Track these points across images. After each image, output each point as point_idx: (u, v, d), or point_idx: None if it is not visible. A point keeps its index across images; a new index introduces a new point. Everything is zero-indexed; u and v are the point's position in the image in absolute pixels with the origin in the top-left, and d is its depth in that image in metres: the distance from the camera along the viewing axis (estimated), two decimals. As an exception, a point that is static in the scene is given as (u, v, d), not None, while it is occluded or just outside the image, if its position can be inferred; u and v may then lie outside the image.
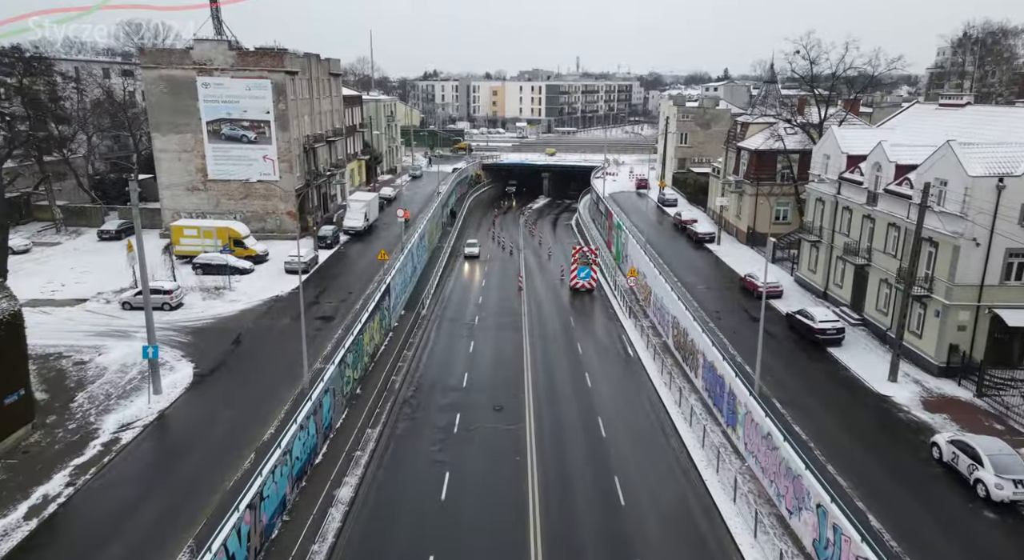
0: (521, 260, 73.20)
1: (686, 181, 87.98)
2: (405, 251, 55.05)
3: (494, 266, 70.77)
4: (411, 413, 35.89)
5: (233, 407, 31.74)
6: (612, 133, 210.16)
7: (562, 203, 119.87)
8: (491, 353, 45.14)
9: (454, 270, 68.26)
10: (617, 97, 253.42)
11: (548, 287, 62.53)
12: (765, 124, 62.34)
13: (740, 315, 45.13)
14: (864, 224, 40.95)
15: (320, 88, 70.59)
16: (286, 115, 60.03)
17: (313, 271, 54.13)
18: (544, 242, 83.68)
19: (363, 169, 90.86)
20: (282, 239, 62.47)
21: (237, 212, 61.89)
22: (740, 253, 59.61)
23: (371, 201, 68.18)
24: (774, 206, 60.13)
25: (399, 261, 51.94)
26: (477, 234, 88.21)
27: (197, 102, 59.18)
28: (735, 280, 52.34)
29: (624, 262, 62.66)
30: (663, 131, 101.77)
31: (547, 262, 73.27)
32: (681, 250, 62.77)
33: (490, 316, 53.22)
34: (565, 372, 41.83)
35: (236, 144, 60.41)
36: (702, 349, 37.39)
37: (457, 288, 61.80)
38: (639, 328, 49.45)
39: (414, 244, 59.40)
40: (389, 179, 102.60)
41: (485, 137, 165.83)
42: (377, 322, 43.38)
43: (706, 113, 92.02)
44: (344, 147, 79.97)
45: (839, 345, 38.36)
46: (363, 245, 63.79)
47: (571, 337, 48.51)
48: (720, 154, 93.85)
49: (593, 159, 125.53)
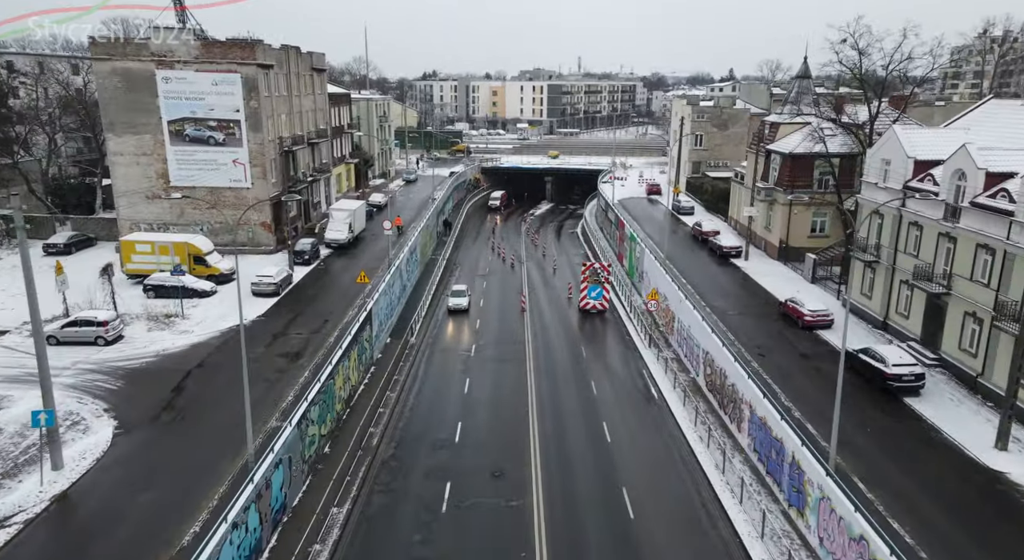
0: (523, 274, 66.17)
1: (702, 187, 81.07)
2: (392, 268, 48.08)
3: (493, 282, 63.74)
4: (389, 482, 28.87)
5: (154, 488, 24.73)
6: (617, 135, 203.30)
7: (566, 209, 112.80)
8: (489, 395, 38.12)
9: (449, 288, 61.21)
10: (621, 97, 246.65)
11: (554, 307, 55.52)
12: (799, 124, 55.39)
13: (786, 350, 38.09)
14: (940, 243, 33.95)
15: (301, 84, 63.64)
16: (259, 114, 53.09)
17: (286, 292, 47.16)
18: (548, 253, 76.67)
19: (352, 174, 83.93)
20: (256, 253, 55.54)
21: (204, 223, 54.95)
22: (772, 270, 52.60)
23: (356, 210, 61.21)
24: (811, 217, 53.16)
25: (384, 282, 44.95)
26: (475, 245, 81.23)
27: (156, 99, 52.25)
28: (771, 304, 45.33)
29: (640, 280, 55.63)
30: (675, 133, 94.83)
31: (552, 277, 66.22)
32: (704, 266, 55.77)
33: (489, 345, 46.23)
34: (578, 421, 34.79)
35: (202, 146, 53.45)
36: (748, 399, 30.38)
37: (452, 309, 54.79)
38: (662, 361, 42.43)
39: (403, 259, 52.43)
40: (381, 184, 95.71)
41: (484, 139, 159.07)
42: (354, 359, 36.39)
43: (723, 113, 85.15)
44: (329, 150, 73.01)
45: (917, 394, 31.32)
46: (347, 260, 56.81)
47: (583, 372, 41.51)
48: (739, 157, 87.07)
49: (598, 162, 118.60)
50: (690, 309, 41.25)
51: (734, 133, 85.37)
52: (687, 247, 62.14)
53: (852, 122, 46.46)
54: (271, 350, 37.24)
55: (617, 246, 70.50)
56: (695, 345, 39.70)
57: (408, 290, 54.63)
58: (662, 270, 49.46)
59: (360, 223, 62.86)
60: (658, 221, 75.36)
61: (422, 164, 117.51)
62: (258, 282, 45.08)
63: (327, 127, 71.53)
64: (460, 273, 66.95)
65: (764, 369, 35.10)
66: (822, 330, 39.64)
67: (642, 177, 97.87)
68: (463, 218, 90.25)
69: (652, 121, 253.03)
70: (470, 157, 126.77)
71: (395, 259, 51.16)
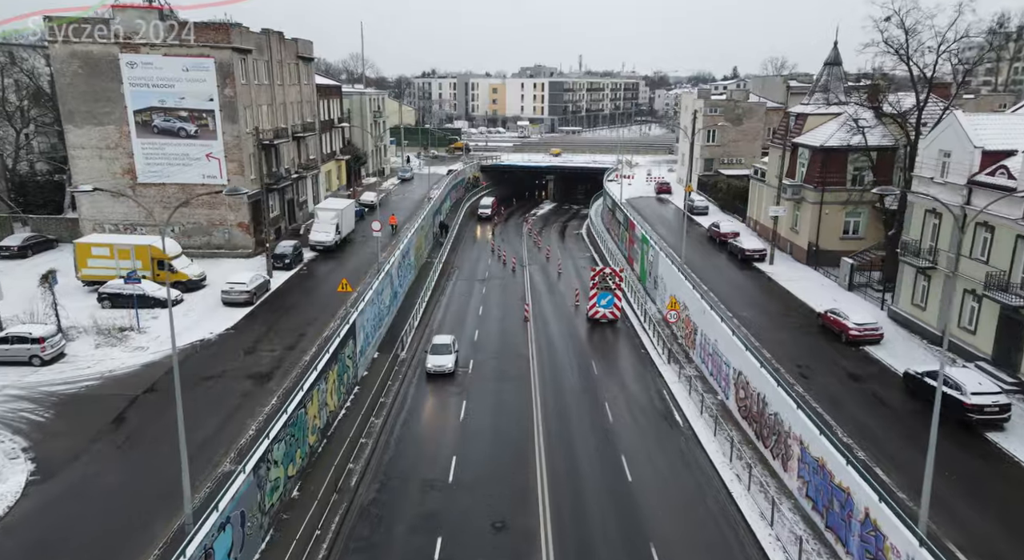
0: (526, 279, 61.20)
1: (716, 185, 76.09)
2: (382, 274, 43.11)
3: (493, 287, 58.76)
4: (368, 536, 23.89)
5: (67, 557, 19.72)
6: (620, 133, 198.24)
7: (569, 209, 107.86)
8: (489, 422, 33.15)
9: (445, 293, 56.24)
10: (624, 96, 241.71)
11: (560, 316, 50.56)
12: (829, 115, 50.41)
13: (831, 370, 33.05)
14: (1020, 247, 28.96)
15: (285, 73, 58.63)
16: (235, 103, 48.09)
17: (262, 301, 42.16)
18: (552, 256, 71.69)
19: (343, 171, 78.90)
20: (233, 257, 50.56)
21: (176, 224, 49.95)
22: (802, 276, 47.59)
23: (344, 210, 56.19)
24: (843, 217, 48.16)
25: (371, 289, 39.95)
26: (474, 246, 76.24)
27: (121, 86, 47.25)
28: (806, 314, 40.30)
29: (655, 287, 50.64)
30: (686, 129, 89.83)
31: (557, 282, 61.24)
32: (724, 271, 50.75)
33: (488, 360, 41.27)
34: (592, 455, 29.82)
35: (172, 139, 48.45)
36: (798, 434, 25.41)
37: (448, 319, 49.81)
38: (684, 379, 37.47)
39: (395, 263, 47.45)
40: (375, 182, 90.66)
41: (484, 137, 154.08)
42: (333, 381, 31.41)
43: (737, 107, 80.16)
44: (318, 145, 68.00)
45: (1001, 428, 26.31)
46: (333, 264, 51.80)
47: (596, 393, 36.55)
48: (755, 153, 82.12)
49: (603, 160, 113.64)
50: (716, 321, 36.29)
51: (750, 128, 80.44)
52: (704, 250, 57.12)
53: (895, 111, 41.46)
54: (237, 370, 32.26)
55: (626, 249, 65.53)
56: (723, 363, 34.74)
57: (400, 297, 49.62)
58: (680, 276, 44.48)
59: (349, 224, 57.86)
60: (670, 221, 70.40)
61: (419, 162, 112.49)
62: (229, 290, 40.07)
63: (315, 121, 66.54)
64: (458, 278, 62.00)
65: (809, 392, 30.11)
66: (870, 346, 34.63)
67: (650, 175, 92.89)
68: (461, 218, 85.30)
69: (655, 120, 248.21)
70: (469, 155, 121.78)
71: (385, 263, 46.16)
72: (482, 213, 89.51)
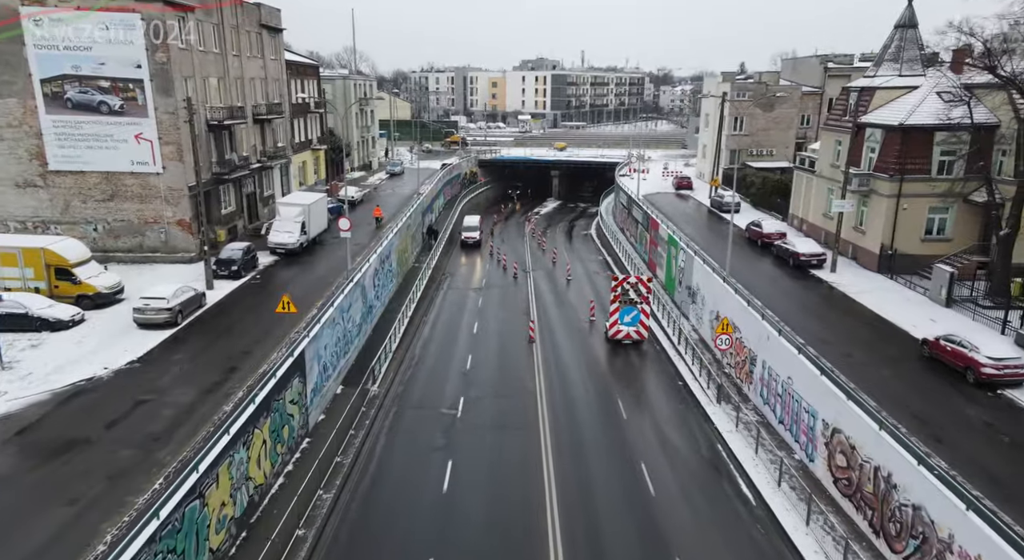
0: (530, 287, 51.76)
1: (745, 179, 66.57)
2: (349, 287, 33.66)
3: (492, 298, 49.30)
4: None
5: None
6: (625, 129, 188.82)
7: (576, 207, 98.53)
8: (484, 495, 23.73)
9: (434, 306, 46.80)
10: (628, 91, 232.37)
11: (573, 334, 41.19)
12: (905, 89, 41.00)
13: (969, 428, 23.37)
14: None
15: (243, 42, 49.17)
16: (169, 72, 38.64)
17: (189, 321, 32.63)
18: (559, 260, 62.25)
19: (321, 163, 69.46)
20: (171, 262, 41.13)
21: (99, 221, 40.54)
22: (876, 287, 38.07)
23: (312, 205, 46.67)
24: (926, 213, 38.74)
25: (334, 307, 30.51)
26: (470, 248, 66.79)
27: (23, 49, 37.82)
28: (900, 340, 30.78)
29: (692, 300, 41.12)
30: (707, 118, 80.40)
31: (566, 291, 51.84)
32: (775, 280, 41.27)
33: (484, 398, 31.86)
34: (633, 552, 20.44)
35: (91, 115, 39.02)
36: (974, 554, 16.02)
37: (436, 339, 40.42)
38: (743, 428, 28.08)
39: (369, 272, 38.03)
40: (361, 177, 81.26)
41: (483, 131, 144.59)
42: (261, 446, 21.97)
43: (768, 91, 70.69)
44: (288, 131, 58.57)
45: None
46: (295, 272, 42.34)
47: (627, 447, 27.18)
48: (788, 143, 72.72)
49: (611, 154, 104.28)
50: (789, 351, 26.90)
51: (782, 115, 71.00)
52: (743, 253, 47.59)
53: (1011, 77, 31.96)
54: (119, 431, 22.77)
55: (646, 251, 56.08)
56: (804, 410, 25.33)
57: (376, 313, 40.17)
58: (727, 288, 35.01)
59: (319, 222, 48.37)
60: (695, 220, 60.93)
61: (411, 156, 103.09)
62: (143, 307, 30.53)
63: (283, 103, 57.12)
64: (449, 286, 52.51)
65: (955, 467, 20.61)
66: (1010, 388, 25.16)
67: (667, 169, 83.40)
68: (455, 217, 75.84)
69: (660, 116, 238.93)
70: (466, 149, 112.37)
71: (356, 271, 36.68)
72: (468, 238, 64.68)
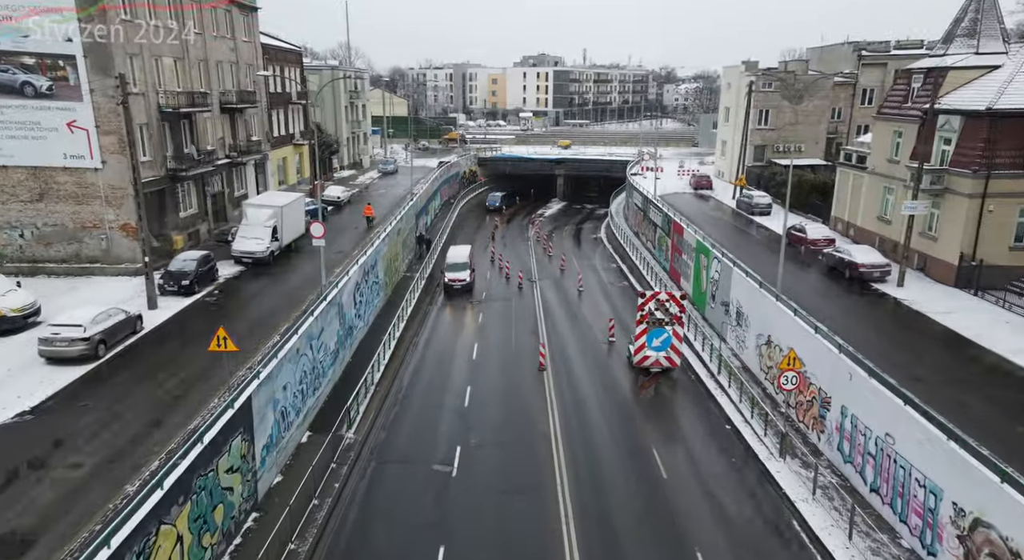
0: (536, 300, 45.40)
1: (772, 178, 60.29)
2: (319, 309, 27.23)
3: (493, 313, 42.92)
4: None
5: None
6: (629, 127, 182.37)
7: (582, 209, 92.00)
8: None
9: (427, 325, 40.40)
10: (632, 89, 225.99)
11: (589, 359, 34.83)
12: (985, 68, 34.62)
13: None
14: None
15: (207, 19, 42.76)
16: (108, 48, 32.24)
17: (117, 353, 26.18)
18: (568, 267, 55.86)
19: (305, 160, 63.05)
20: (114, 274, 34.71)
21: (26, 225, 34.12)
22: (961, 306, 31.59)
23: (287, 207, 40.22)
24: (1017, 216, 32.36)
25: (295, 338, 24.07)
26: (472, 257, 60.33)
27: (-72, 18, 31.48)
28: (1007, 374, 24.41)
29: (732, 321, 34.60)
30: (726, 112, 74.04)
31: (578, 303, 45.47)
32: (830, 297, 34.82)
33: (486, 447, 25.42)
34: None
35: (12, 98, 32.63)
36: None
37: (427, 366, 33.98)
38: (824, 497, 21.65)
39: (346, 288, 31.63)
40: (350, 175, 74.90)
41: (483, 129, 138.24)
42: (173, 546, 15.57)
43: (797, 81, 64.31)
44: (264, 123, 52.19)
45: None
46: (263, 286, 35.91)
47: (673, 523, 20.74)
48: (817, 138, 66.33)
49: (620, 152, 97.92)
50: (890, 401, 20.47)
51: (813, 107, 64.61)
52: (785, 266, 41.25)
53: None
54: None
55: (667, 258, 49.68)
56: (919, 482, 18.88)
57: (358, 335, 33.72)
58: (783, 309, 28.56)
59: (295, 227, 41.94)
60: (721, 223, 54.55)
61: (406, 154, 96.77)
62: (51, 337, 24.10)
63: (258, 91, 50.72)
64: (445, 300, 46.13)
65: None
66: None
67: (682, 168, 77.01)
68: (454, 220, 69.40)
69: (665, 115, 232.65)
70: (465, 147, 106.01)
71: (331, 288, 30.25)
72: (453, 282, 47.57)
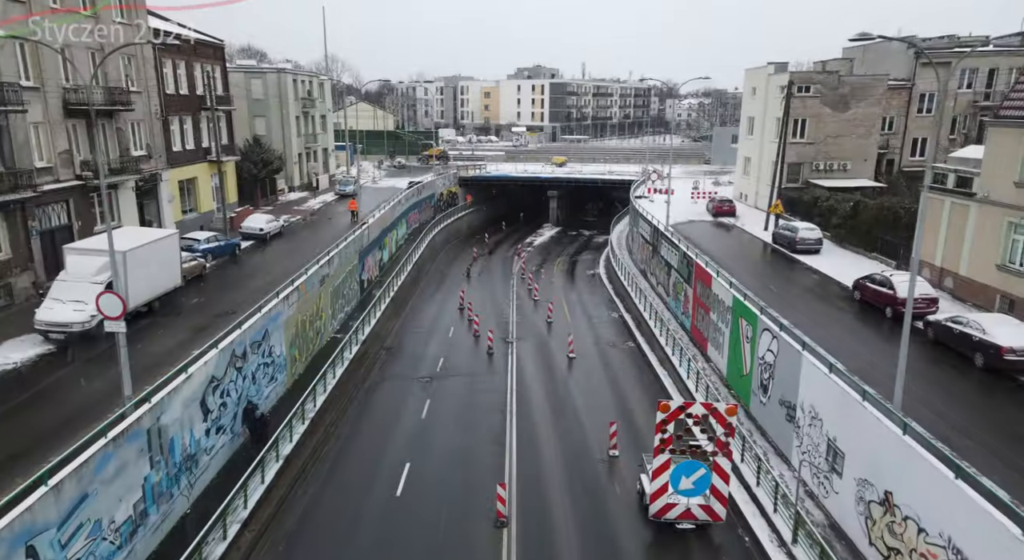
0: (510, 376, 32.72)
1: (815, 204, 47.77)
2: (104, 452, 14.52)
3: (447, 399, 30.18)
4: None
5: None
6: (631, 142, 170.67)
7: (578, 236, 79.55)
8: None
9: (345, 420, 27.58)
10: (634, 103, 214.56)
11: (577, 496, 22.04)
12: None
13: None
14: None
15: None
16: None
17: None
18: (557, 318, 43.27)
19: (229, 181, 50.53)
20: None
21: None
22: None
23: (136, 253, 27.32)
24: None
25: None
26: (434, 300, 47.51)
27: None
28: None
29: (802, 436, 21.72)
30: (751, 123, 61.66)
31: (567, 383, 32.82)
32: (976, 407, 22.01)
33: None
34: None
35: None
36: None
37: (323, 511, 21.06)
38: None
39: (181, 396, 18.99)
40: (300, 199, 62.48)
41: (471, 145, 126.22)
42: None
43: (841, 84, 51.91)
44: (157, 134, 39.74)
45: None
46: (65, 382, 23.19)
47: None
48: (865, 154, 53.80)
49: (622, 171, 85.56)
50: None
51: (861, 116, 52.17)
52: (866, 333, 28.59)
53: None
54: None
55: (685, 312, 37.03)
56: None
57: (212, 462, 20.74)
58: (928, 459, 15.72)
59: (160, 278, 29.13)
60: (753, 262, 42.03)
61: (379, 172, 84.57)
62: None
63: (146, 91, 38.30)
64: (385, 375, 33.39)
65: None
66: None
67: (697, 189, 64.53)
68: (423, 250, 56.78)
69: (668, 130, 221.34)
70: (447, 164, 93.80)
71: (156, 396, 17.52)
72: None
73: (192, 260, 33.21)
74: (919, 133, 55.23)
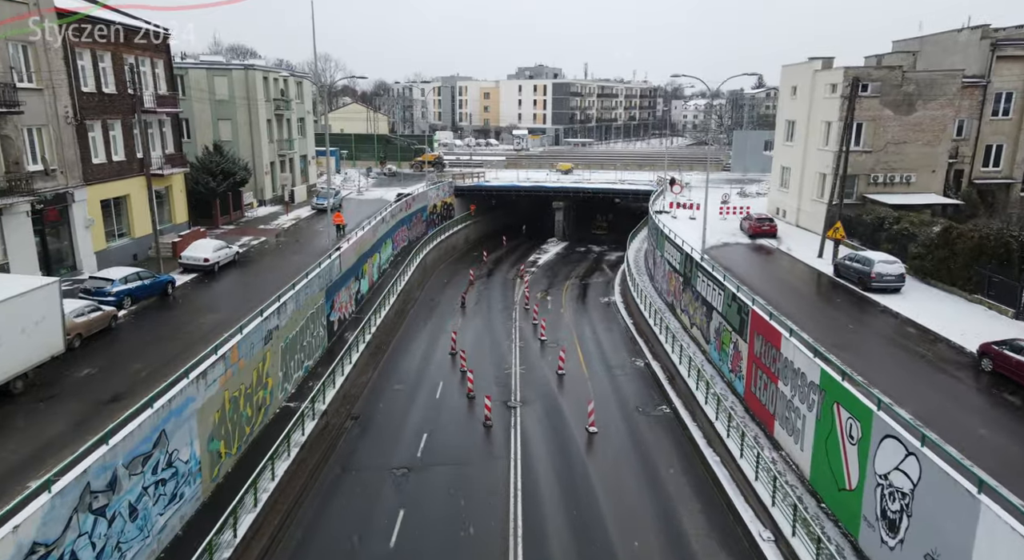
0: (512, 468, 24.44)
1: (882, 226, 39.50)
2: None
3: (425, 510, 21.84)
4: None
5: None
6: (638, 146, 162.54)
7: (587, 252, 71.22)
8: None
9: (281, 550, 19.47)
10: (640, 104, 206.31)
11: None
12: None
13: None
14: None
15: None
16: None
17: None
18: (568, 370, 34.99)
19: (177, 197, 42.27)
20: None
21: None
22: None
23: None
24: None
25: None
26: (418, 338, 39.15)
27: None
28: None
29: (889, 541, 13.59)
30: (789, 126, 53.29)
31: (587, 471, 24.55)
32: None
33: None
34: None
35: None
36: None
37: None
38: None
39: None
40: (269, 215, 54.20)
41: (469, 150, 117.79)
42: None
43: (906, 81, 43.63)
44: (58, 142, 31.46)
45: None
46: None
47: None
48: (933, 163, 45.51)
49: (635, 179, 77.25)
50: None
51: (928, 119, 43.82)
52: (982, 409, 20.35)
53: None
54: None
55: (736, 371, 28.73)
56: None
57: None
58: None
59: (20, 353, 20.84)
60: (809, 301, 33.52)
61: (366, 182, 76.27)
62: None
63: (53, 89, 30.05)
64: (347, 464, 25.01)
65: None
66: None
67: (726, 204, 56.10)
68: (411, 274, 48.44)
69: (674, 133, 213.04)
70: (443, 171, 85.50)
71: None
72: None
73: (91, 311, 24.95)
74: (994, 140, 47.05)
